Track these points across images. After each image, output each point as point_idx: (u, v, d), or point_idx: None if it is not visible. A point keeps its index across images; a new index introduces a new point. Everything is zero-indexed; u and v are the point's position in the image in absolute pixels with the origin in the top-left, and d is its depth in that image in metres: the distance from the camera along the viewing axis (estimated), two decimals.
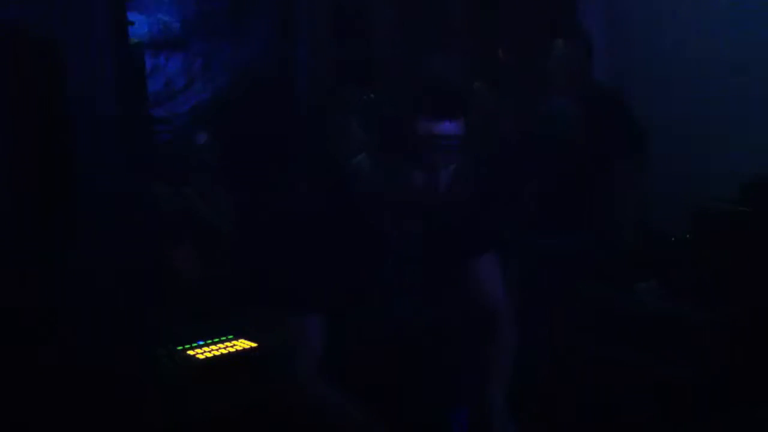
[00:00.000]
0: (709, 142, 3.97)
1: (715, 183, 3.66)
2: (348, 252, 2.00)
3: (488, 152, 3.55)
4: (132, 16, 4.07)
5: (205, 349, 2.90)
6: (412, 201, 1.95)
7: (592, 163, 3.74)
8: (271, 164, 3.94)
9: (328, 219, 2.01)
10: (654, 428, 3.16)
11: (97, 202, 3.23)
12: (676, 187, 3.94)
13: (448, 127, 1.88)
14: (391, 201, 1.99)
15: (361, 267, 2.02)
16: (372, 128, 1.97)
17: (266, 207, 2.10)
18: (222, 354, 2.88)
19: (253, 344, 2.93)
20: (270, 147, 4.21)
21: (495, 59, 4.44)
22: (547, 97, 3.78)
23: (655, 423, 3.17)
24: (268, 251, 2.07)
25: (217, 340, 2.95)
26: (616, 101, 3.78)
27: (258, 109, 4.51)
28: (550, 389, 3.09)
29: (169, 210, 3.71)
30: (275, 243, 2.05)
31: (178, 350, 2.89)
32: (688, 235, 3.48)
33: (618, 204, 3.79)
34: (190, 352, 2.88)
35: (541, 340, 3.10)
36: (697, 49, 4.10)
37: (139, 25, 4.27)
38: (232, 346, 2.91)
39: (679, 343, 3.29)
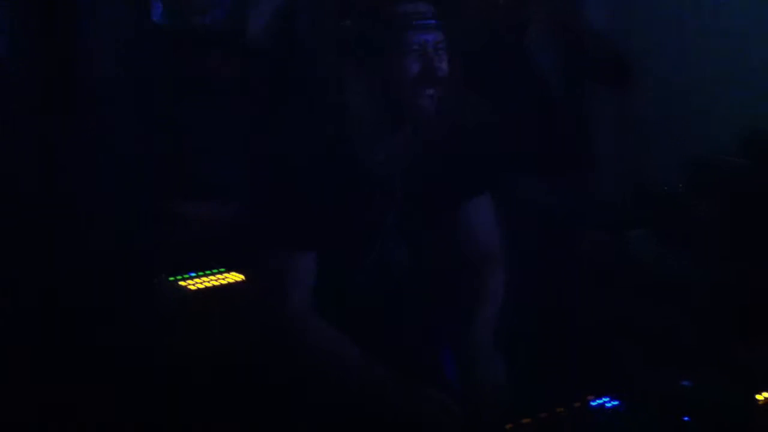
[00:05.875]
0: (708, 92, 3.95)
1: (713, 134, 3.66)
2: (340, 193, 2.03)
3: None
4: None
5: (197, 280, 2.91)
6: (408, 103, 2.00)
7: (575, 106, 3.67)
8: (270, 104, 3.90)
9: (321, 159, 2.02)
10: (640, 374, 3.20)
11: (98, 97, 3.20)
12: (671, 137, 3.93)
13: (421, 6, 1.99)
14: (384, 112, 2.03)
15: (352, 208, 2.05)
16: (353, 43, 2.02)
17: (261, 145, 2.13)
18: (213, 286, 2.89)
19: (245, 277, 2.94)
20: (269, 87, 4.16)
21: None
22: (529, 30, 3.67)
23: (641, 370, 3.21)
24: (262, 188, 2.11)
25: (208, 272, 2.95)
26: (600, 37, 3.69)
27: (257, 49, 4.44)
28: (539, 335, 3.13)
29: None
30: (270, 181, 2.08)
31: (170, 281, 2.91)
32: (680, 185, 3.49)
33: (606, 152, 3.76)
34: (182, 283, 2.90)
35: (529, 287, 3.12)
36: None
37: None
38: (223, 279, 2.93)
39: (669, 291, 3.32)
